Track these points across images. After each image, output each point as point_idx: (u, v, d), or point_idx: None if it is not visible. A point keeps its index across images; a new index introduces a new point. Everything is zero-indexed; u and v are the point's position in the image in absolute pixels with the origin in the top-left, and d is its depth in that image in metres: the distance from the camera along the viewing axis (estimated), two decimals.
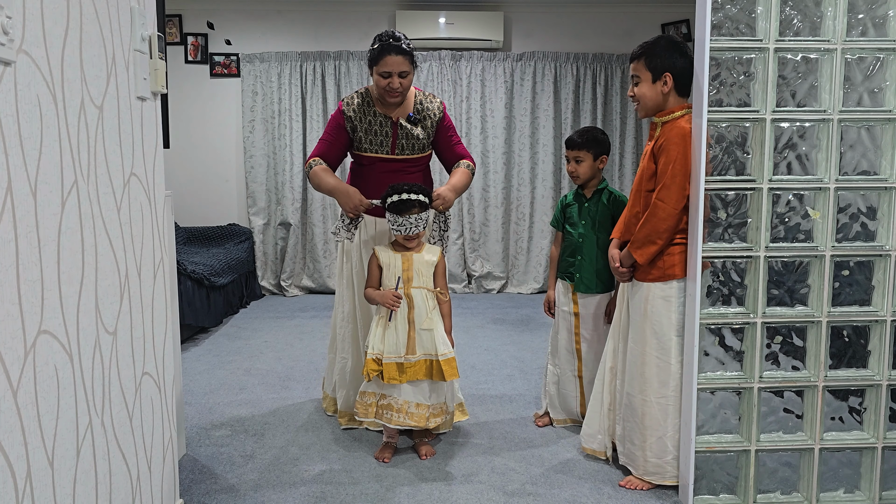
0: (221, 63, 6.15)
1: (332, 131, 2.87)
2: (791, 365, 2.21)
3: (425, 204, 2.60)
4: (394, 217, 2.58)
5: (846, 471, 2.25)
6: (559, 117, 6.26)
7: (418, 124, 2.85)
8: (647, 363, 2.33)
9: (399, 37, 2.68)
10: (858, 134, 2.13)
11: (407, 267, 2.63)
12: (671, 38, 2.33)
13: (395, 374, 2.56)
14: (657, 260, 2.30)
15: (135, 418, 1.80)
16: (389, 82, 2.69)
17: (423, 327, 2.60)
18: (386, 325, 2.59)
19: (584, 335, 2.93)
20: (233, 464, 2.63)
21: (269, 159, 6.16)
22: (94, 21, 1.60)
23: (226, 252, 5.56)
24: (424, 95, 2.92)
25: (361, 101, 2.84)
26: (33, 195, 1.32)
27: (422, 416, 2.60)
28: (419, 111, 2.87)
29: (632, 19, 6.26)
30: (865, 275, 2.18)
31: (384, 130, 2.83)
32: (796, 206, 2.15)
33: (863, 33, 2.09)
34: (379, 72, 2.69)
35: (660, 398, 2.32)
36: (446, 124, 2.94)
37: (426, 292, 2.64)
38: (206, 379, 3.72)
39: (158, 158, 2.00)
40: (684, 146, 2.19)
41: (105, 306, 1.63)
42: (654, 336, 2.31)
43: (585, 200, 2.93)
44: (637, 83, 2.35)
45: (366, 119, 2.83)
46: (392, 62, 2.66)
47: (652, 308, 2.31)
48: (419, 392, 2.61)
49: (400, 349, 2.58)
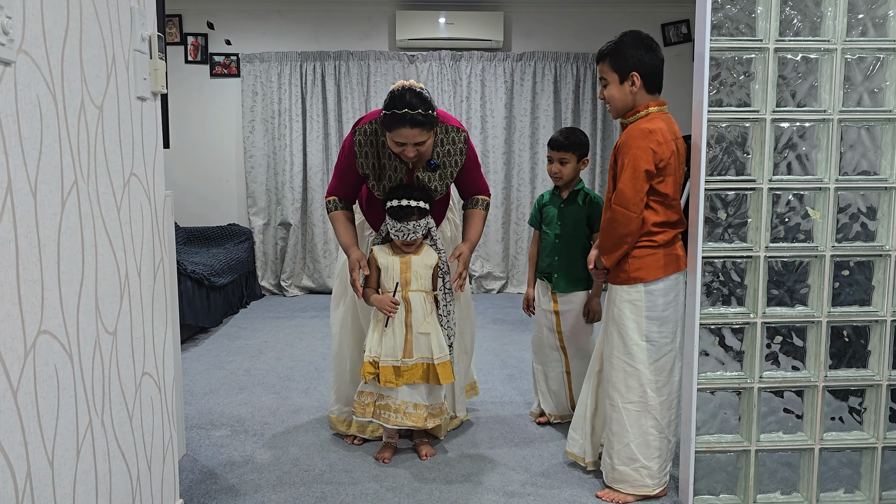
0: (221, 63, 6.15)
1: (346, 168, 2.63)
2: (791, 365, 2.21)
3: (425, 210, 2.56)
4: (392, 222, 2.55)
5: (846, 471, 2.25)
6: (559, 117, 6.26)
7: (438, 170, 2.62)
8: (615, 367, 2.30)
9: (414, 104, 2.35)
10: (858, 134, 2.13)
11: (405, 270, 2.59)
12: (636, 34, 2.25)
13: (392, 377, 2.55)
14: (623, 263, 2.27)
15: (135, 418, 1.80)
16: (404, 150, 2.44)
17: (421, 331, 2.57)
18: (383, 330, 2.57)
19: (566, 333, 2.93)
20: (233, 464, 2.63)
21: (270, 159, 6.16)
22: (94, 21, 1.60)
23: (226, 252, 5.56)
24: (446, 132, 2.59)
25: (375, 139, 2.56)
26: (33, 195, 1.32)
27: (420, 417, 2.59)
28: (440, 154, 2.60)
29: (632, 19, 6.26)
30: (865, 275, 2.18)
31: (397, 177, 2.60)
32: (796, 206, 2.15)
33: (863, 33, 2.09)
34: (392, 139, 2.44)
35: (626, 403, 2.28)
36: (469, 161, 2.67)
37: (424, 295, 2.61)
38: (205, 379, 3.72)
39: (158, 158, 2.00)
40: (643, 146, 2.14)
41: (105, 306, 1.63)
42: (620, 339, 2.28)
43: (562, 201, 2.92)
44: (605, 85, 2.27)
45: (379, 163, 2.59)
46: (406, 135, 2.38)
47: (618, 311, 2.28)
48: (417, 393, 2.59)
49: (397, 352, 2.56)
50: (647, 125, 2.17)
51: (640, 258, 2.24)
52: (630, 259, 2.25)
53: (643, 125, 2.17)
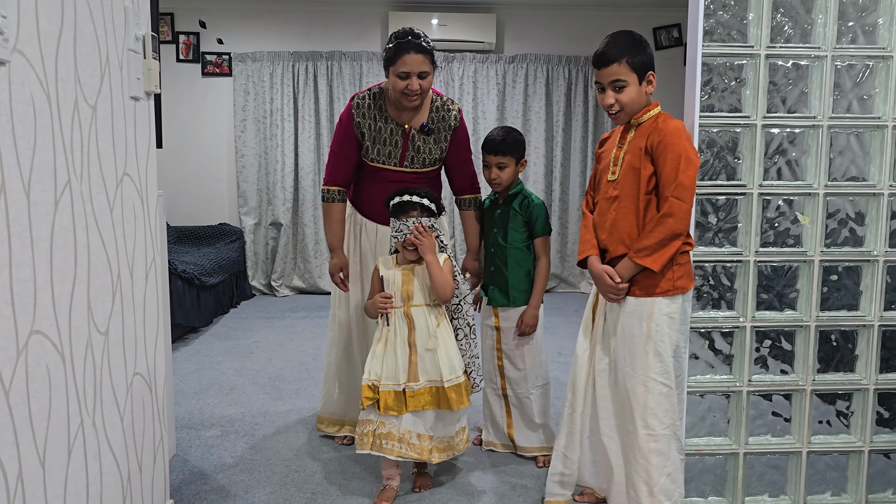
0: (213, 62, 6.13)
1: (343, 142, 2.62)
2: (780, 368, 2.23)
3: (430, 210, 2.34)
4: (393, 221, 2.34)
5: (833, 474, 2.27)
6: (551, 120, 6.28)
7: (432, 135, 2.62)
8: (652, 391, 2.04)
9: (418, 34, 2.45)
10: (847, 140, 2.15)
11: (407, 282, 2.33)
12: (630, 32, 2.11)
13: (393, 403, 2.25)
14: (666, 270, 2.03)
15: (126, 418, 1.80)
16: (408, 84, 2.44)
17: (427, 347, 2.28)
18: (385, 339, 2.31)
19: (505, 352, 2.67)
20: (223, 465, 2.63)
21: (261, 159, 6.15)
22: (89, 20, 1.59)
23: (216, 252, 5.54)
24: (442, 101, 2.65)
25: (373, 103, 2.59)
26: (26, 195, 1.32)
27: (423, 449, 2.29)
28: (434, 120, 2.62)
29: (624, 23, 6.27)
30: (853, 280, 2.20)
31: (394, 140, 2.60)
32: (786, 212, 2.17)
33: (853, 41, 2.11)
34: (396, 72, 2.44)
35: (664, 429, 2.05)
36: (460, 136, 2.69)
37: (429, 310, 2.33)
38: (196, 379, 3.71)
39: (151, 158, 2.00)
40: (686, 140, 1.99)
41: (97, 306, 1.63)
42: (658, 359, 2.03)
43: (498, 207, 2.69)
44: (622, 88, 2.05)
45: (375, 125, 2.59)
46: (411, 61, 2.42)
47: (657, 327, 2.03)
48: (421, 422, 2.29)
49: (399, 375, 2.26)
50: (676, 122, 2.03)
51: (682, 265, 2.06)
52: (674, 266, 2.04)
53: (672, 123, 2.03)
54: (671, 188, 1.97)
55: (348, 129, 2.60)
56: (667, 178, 1.99)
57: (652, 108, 2.10)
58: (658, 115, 2.08)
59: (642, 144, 2.05)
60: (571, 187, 6.36)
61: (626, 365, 2.09)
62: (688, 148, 1.98)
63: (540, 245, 2.66)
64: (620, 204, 2.09)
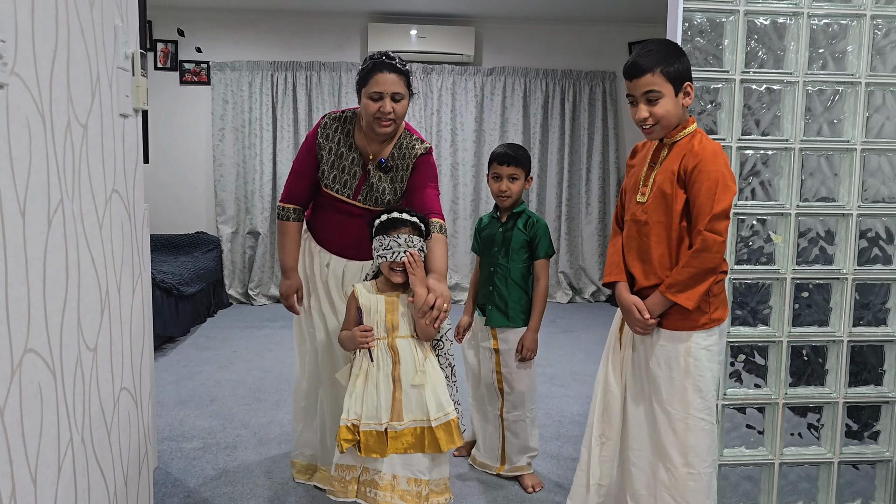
0: (191, 70, 6.11)
1: (304, 159, 2.46)
2: (753, 382, 2.30)
3: (419, 227, 2.15)
4: (380, 239, 2.12)
5: (804, 484, 2.34)
6: (528, 132, 6.36)
7: (389, 172, 2.40)
8: (693, 429, 1.90)
9: (393, 56, 2.31)
10: (818, 162, 2.23)
11: (391, 310, 2.11)
12: (668, 41, 1.98)
13: (375, 445, 2.01)
14: (702, 303, 1.90)
15: (112, 433, 1.81)
16: (380, 106, 2.25)
17: (414, 383, 2.06)
18: (366, 374, 2.08)
19: (505, 374, 2.61)
20: (206, 477, 2.63)
21: (239, 168, 6.14)
22: (81, 40, 1.61)
23: (194, 261, 5.52)
24: (410, 139, 2.42)
25: (342, 126, 2.42)
26: (22, 215, 1.33)
27: (418, 496, 2.03)
28: (395, 156, 2.40)
29: (600, 38, 6.40)
30: (823, 297, 2.28)
31: (352, 170, 2.41)
32: (759, 231, 2.24)
33: (823, 67, 2.19)
34: (368, 93, 2.27)
35: (706, 467, 1.92)
36: (424, 167, 2.42)
37: (415, 341, 2.11)
38: (175, 390, 3.69)
39: (139, 174, 2.01)
40: (724, 166, 1.85)
41: (87, 323, 1.64)
42: (699, 395, 1.90)
43: (501, 225, 2.62)
44: (656, 100, 1.87)
45: (337, 150, 2.42)
46: (383, 81, 2.25)
47: (695, 362, 1.90)
48: (412, 464, 2.05)
49: (381, 414, 2.03)
50: (713, 145, 1.90)
51: (718, 295, 1.94)
52: (710, 298, 1.92)
53: (709, 145, 1.89)
54: (705, 220, 1.83)
55: (311, 147, 2.44)
56: (701, 207, 1.85)
57: (688, 124, 1.94)
58: (694, 135, 1.93)
59: (675, 168, 1.90)
60: (548, 198, 6.44)
61: (663, 401, 1.94)
62: (725, 174, 1.84)
63: (541, 267, 2.63)
64: (651, 231, 1.95)
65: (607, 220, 6.54)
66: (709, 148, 1.87)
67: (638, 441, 2.04)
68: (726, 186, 1.82)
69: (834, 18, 2.17)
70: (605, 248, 6.54)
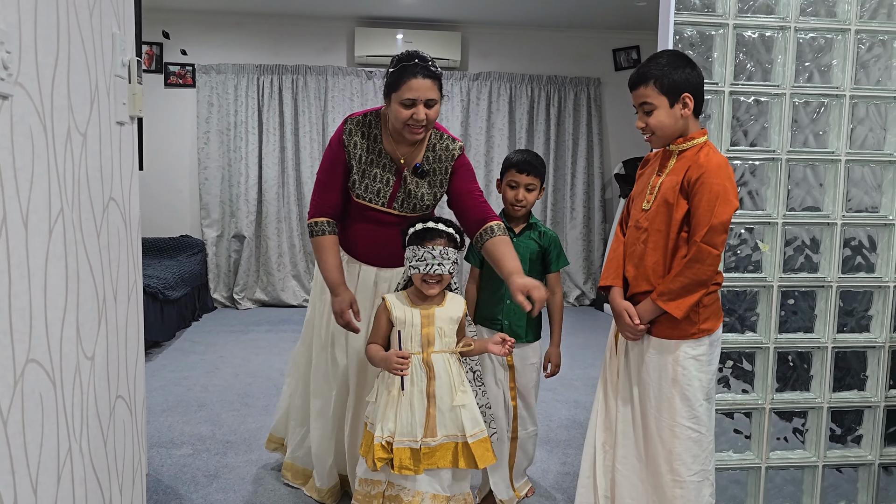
0: (176, 73, 6.08)
1: (331, 169, 2.30)
2: (741, 388, 2.34)
3: (454, 239, 2.08)
4: (413, 250, 2.03)
5: (790, 488, 2.39)
6: (513, 136, 6.40)
7: (426, 177, 2.30)
8: (679, 436, 1.94)
9: (426, 57, 2.16)
10: (804, 173, 2.28)
11: (427, 324, 2.03)
12: (675, 52, 1.99)
13: (409, 462, 1.96)
14: (691, 313, 1.93)
15: (108, 442, 1.81)
16: (413, 113, 2.13)
17: (455, 404, 2.00)
18: (398, 401, 2.00)
19: (520, 390, 2.49)
20: (196, 483, 2.63)
21: (224, 171, 6.12)
22: (81, 49, 1.61)
23: (178, 264, 5.49)
24: (442, 138, 2.32)
25: (367, 131, 2.28)
26: (25, 225, 1.34)
27: None
28: (430, 160, 2.30)
29: (585, 44, 6.46)
30: (809, 304, 2.33)
31: (385, 178, 2.28)
32: (747, 239, 2.29)
33: (809, 79, 2.24)
34: (399, 99, 2.13)
35: (692, 475, 1.94)
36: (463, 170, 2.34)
37: (450, 357, 2.05)
38: (163, 396, 3.68)
39: (134, 182, 2.01)
40: (728, 179, 1.87)
41: (85, 332, 1.64)
42: (686, 404, 1.93)
43: (514, 236, 2.46)
44: (650, 111, 1.93)
45: (367, 157, 2.28)
46: (417, 86, 2.11)
47: (683, 371, 1.93)
48: (436, 480, 2.02)
49: (416, 431, 1.97)
50: (719, 157, 1.92)
51: (708, 306, 1.96)
52: (700, 308, 1.94)
53: (715, 158, 1.91)
54: (702, 232, 1.86)
55: (338, 154, 2.29)
56: (699, 219, 1.87)
57: (697, 136, 1.96)
58: (703, 147, 1.95)
59: (680, 178, 1.93)
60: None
61: (651, 408, 1.98)
62: (727, 188, 1.86)
63: (555, 279, 2.53)
64: (650, 238, 1.97)
65: (592, 224, 6.60)
66: (714, 160, 1.89)
67: (624, 448, 2.06)
68: (727, 200, 1.84)
69: (820, 33, 2.22)
70: (589, 253, 6.60)
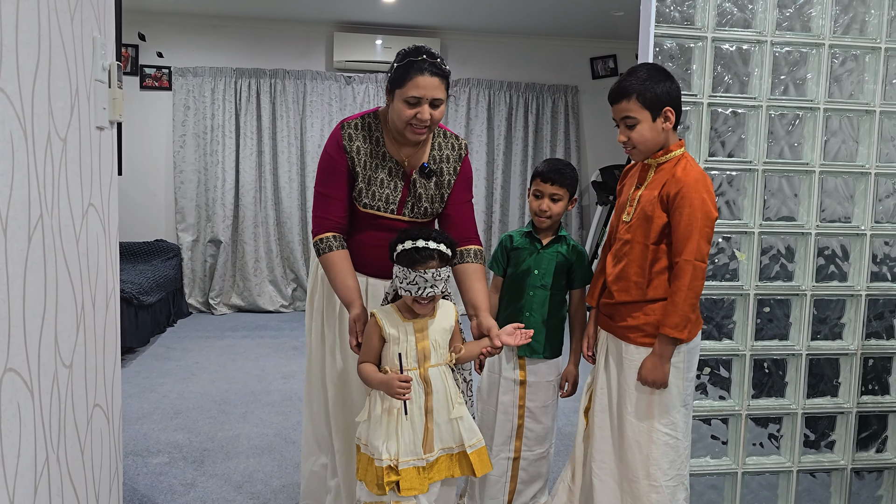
0: (152, 76, 6.02)
1: (330, 180, 2.15)
2: (718, 394, 2.38)
3: (446, 257, 1.92)
4: (404, 271, 1.88)
5: (765, 493, 2.43)
6: (492, 143, 6.43)
7: (433, 177, 2.17)
8: (656, 441, 1.97)
9: (433, 53, 2.03)
10: (780, 183, 2.32)
11: (422, 339, 1.94)
12: (654, 65, 1.99)
13: (416, 482, 1.89)
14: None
15: (86, 452, 1.78)
16: (418, 112, 2.00)
17: (453, 416, 1.95)
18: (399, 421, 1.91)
19: (530, 409, 2.36)
20: (174, 492, 2.60)
21: (200, 175, 6.06)
22: (62, 53, 1.59)
23: (153, 269, 5.43)
24: (445, 136, 2.21)
25: (368, 134, 2.14)
26: (4, 232, 1.32)
27: None
28: (436, 159, 2.18)
29: (563, 52, 6.51)
30: (784, 312, 2.37)
31: (393, 183, 2.14)
32: (725, 248, 2.32)
33: (784, 92, 2.29)
34: (404, 97, 2.01)
35: (668, 480, 1.97)
36: (465, 176, 2.24)
37: (445, 370, 1.97)
38: (137, 403, 3.63)
39: (114, 188, 1.99)
40: (706, 192, 1.89)
41: (63, 339, 1.62)
42: (664, 410, 1.96)
43: (541, 247, 2.36)
44: (633, 125, 1.92)
45: (371, 162, 2.13)
46: (424, 84, 1.99)
47: None
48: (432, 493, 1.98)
49: (417, 448, 1.91)
50: (696, 170, 1.93)
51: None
52: None
53: (692, 171, 1.91)
54: (688, 251, 1.87)
55: (338, 162, 2.14)
56: (682, 235, 1.88)
57: (674, 148, 1.97)
58: (680, 159, 1.96)
59: (658, 191, 1.94)
60: (511, 210, 6.51)
61: (629, 414, 2.00)
62: (706, 201, 1.88)
63: (579, 295, 2.40)
64: (632, 249, 1.99)
65: (568, 231, 6.63)
66: (691, 174, 1.90)
67: (601, 452, 2.09)
68: (706, 214, 1.87)
69: (795, 47, 2.27)
70: None
